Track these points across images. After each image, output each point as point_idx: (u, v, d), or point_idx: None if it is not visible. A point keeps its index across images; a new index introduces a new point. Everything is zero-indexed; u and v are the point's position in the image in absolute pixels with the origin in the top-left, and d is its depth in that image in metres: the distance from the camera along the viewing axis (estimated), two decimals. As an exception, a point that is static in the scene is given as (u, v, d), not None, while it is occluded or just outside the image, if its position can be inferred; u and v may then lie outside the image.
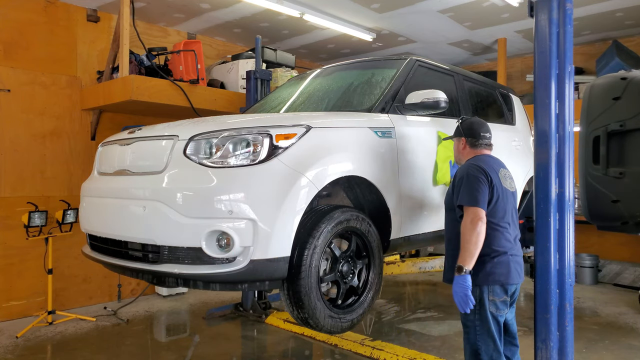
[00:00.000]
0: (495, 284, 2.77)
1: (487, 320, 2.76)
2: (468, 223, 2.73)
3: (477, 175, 2.80)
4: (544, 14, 2.84)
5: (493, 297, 2.77)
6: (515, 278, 2.83)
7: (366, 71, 3.83)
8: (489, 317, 2.76)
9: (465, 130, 3.06)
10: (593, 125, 3.65)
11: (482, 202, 2.75)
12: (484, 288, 2.77)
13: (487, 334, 2.77)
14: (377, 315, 5.43)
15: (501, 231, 2.82)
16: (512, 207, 2.93)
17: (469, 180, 2.81)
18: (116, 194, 2.92)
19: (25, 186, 5.39)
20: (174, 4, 5.83)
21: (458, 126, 3.13)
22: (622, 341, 4.56)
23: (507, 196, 2.90)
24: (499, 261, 2.78)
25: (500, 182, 2.86)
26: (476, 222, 2.71)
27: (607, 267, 6.93)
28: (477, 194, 2.76)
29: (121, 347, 4.54)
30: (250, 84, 5.31)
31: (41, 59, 5.52)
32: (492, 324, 2.77)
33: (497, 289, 2.78)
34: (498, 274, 2.77)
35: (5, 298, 5.23)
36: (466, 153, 3.05)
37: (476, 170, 2.83)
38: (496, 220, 2.81)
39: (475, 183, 2.78)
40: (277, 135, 2.65)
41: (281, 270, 2.59)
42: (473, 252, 2.69)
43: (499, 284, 2.77)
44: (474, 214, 2.73)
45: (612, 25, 6.60)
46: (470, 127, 3.06)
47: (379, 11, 6.10)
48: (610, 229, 4.04)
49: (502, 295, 2.80)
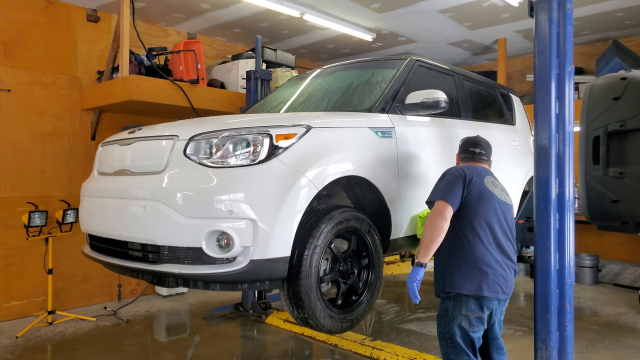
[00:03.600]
0: (468, 297, 2.60)
1: (456, 334, 2.61)
2: (429, 217, 2.63)
3: (452, 172, 2.74)
4: (544, 14, 2.84)
5: (466, 312, 2.60)
6: (495, 292, 2.62)
7: (366, 71, 3.83)
8: (458, 331, 2.61)
9: (459, 147, 3.10)
10: (593, 125, 3.66)
11: (449, 197, 2.62)
12: (457, 300, 2.62)
13: (458, 347, 2.61)
14: (377, 315, 5.43)
15: (480, 237, 2.64)
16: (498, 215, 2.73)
17: (442, 177, 2.77)
18: (116, 194, 2.93)
19: (25, 186, 5.39)
20: (174, 4, 5.83)
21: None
22: (622, 341, 4.56)
23: (492, 200, 2.72)
24: (474, 272, 2.60)
25: (483, 184, 2.73)
26: (435, 216, 2.60)
27: (607, 267, 6.92)
28: (444, 188, 2.66)
29: (121, 347, 4.54)
30: (250, 84, 5.32)
31: (41, 59, 5.52)
32: (461, 339, 2.61)
33: (471, 303, 2.60)
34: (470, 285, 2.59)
35: (5, 298, 5.23)
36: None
37: (454, 169, 2.79)
38: (474, 223, 2.65)
39: (447, 179, 2.71)
40: (277, 135, 2.65)
41: (281, 270, 2.59)
42: (428, 247, 2.59)
43: (472, 297, 2.60)
44: (436, 207, 2.64)
45: (612, 25, 6.60)
46: (462, 144, 3.08)
47: (379, 11, 6.10)
48: (610, 229, 4.05)
49: (477, 311, 2.61)
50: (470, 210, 2.67)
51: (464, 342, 2.62)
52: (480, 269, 2.61)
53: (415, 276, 2.60)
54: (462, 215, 2.68)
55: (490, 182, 2.81)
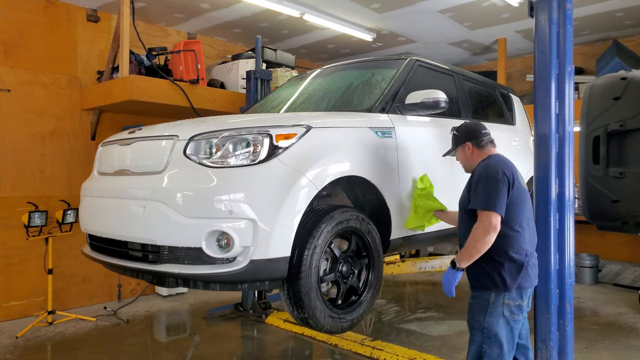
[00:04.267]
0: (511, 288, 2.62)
1: (498, 325, 2.60)
2: (480, 229, 2.56)
3: (496, 176, 2.60)
4: (544, 14, 2.84)
5: (507, 301, 2.60)
6: (532, 281, 2.69)
7: (366, 71, 3.83)
8: (501, 321, 2.60)
9: (466, 135, 2.91)
10: (593, 125, 3.66)
11: (500, 207, 2.55)
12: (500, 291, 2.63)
13: (494, 339, 2.60)
14: (377, 315, 5.43)
15: (521, 233, 2.64)
16: (530, 208, 2.76)
17: (487, 181, 2.61)
18: (116, 194, 2.92)
19: (25, 186, 5.39)
20: (174, 4, 5.83)
21: (455, 134, 2.98)
22: (622, 341, 4.55)
23: (527, 198, 2.71)
24: (516, 266, 2.61)
25: (520, 182, 2.69)
26: (488, 231, 2.54)
27: (607, 267, 6.92)
28: (494, 197, 2.56)
29: (121, 347, 4.54)
30: (250, 84, 5.32)
31: (41, 59, 5.52)
32: (504, 329, 2.61)
33: (512, 291, 2.62)
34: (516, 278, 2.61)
35: (5, 298, 5.23)
36: (475, 156, 2.87)
37: (495, 170, 2.63)
38: (515, 222, 2.63)
39: (494, 184, 2.58)
40: (277, 135, 2.65)
41: (281, 270, 2.59)
42: (473, 257, 2.59)
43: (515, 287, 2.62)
44: (488, 220, 2.55)
45: (612, 25, 6.60)
46: (468, 130, 2.92)
47: (379, 11, 6.10)
48: (610, 229, 4.05)
49: (517, 299, 2.63)
50: (513, 214, 2.63)
51: (506, 332, 2.61)
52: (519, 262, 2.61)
53: (454, 279, 2.66)
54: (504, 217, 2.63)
55: (520, 175, 2.75)
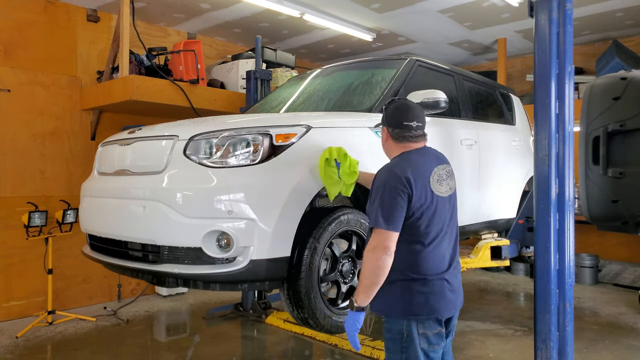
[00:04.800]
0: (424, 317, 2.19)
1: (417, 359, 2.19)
2: (369, 251, 2.12)
3: (396, 185, 2.14)
4: (544, 14, 2.84)
5: (424, 330, 2.19)
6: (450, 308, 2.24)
7: (366, 71, 3.83)
8: (420, 355, 2.18)
9: (387, 118, 2.38)
10: (593, 125, 3.65)
11: (392, 223, 2.10)
12: (412, 320, 2.19)
13: None
14: (377, 315, 5.42)
15: (431, 250, 2.20)
16: (446, 217, 2.28)
17: (384, 192, 2.15)
18: (116, 194, 2.93)
19: (25, 186, 5.39)
20: (174, 4, 5.83)
21: (382, 110, 2.50)
22: (622, 341, 4.55)
23: (440, 206, 2.24)
24: (428, 289, 2.18)
25: (430, 190, 2.21)
26: (379, 253, 2.09)
27: (607, 267, 6.92)
28: (388, 212, 2.11)
29: (121, 347, 4.54)
30: (250, 84, 5.32)
31: (41, 59, 5.52)
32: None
33: (429, 320, 2.20)
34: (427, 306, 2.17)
35: (5, 298, 5.23)
36: (390, 148, 2.40)
37: (395, 178, 2.16)
38: (423, 237, 2.19)
39: (391, 197, 2.13)
40: (277, 135, 2.65)
41: (281, 270, 2.59)
42: (369, 289, 2.13)
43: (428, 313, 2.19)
44: (378, 240, 2.11)
45: (612, 25, 6.60)
46: (392, 114, 2.37)
47: (379, 11, 6.10)
48: (610, 229, 4.04)
49: (436, 327, 2.22)
50: (415, 221, 2.18)
51: None
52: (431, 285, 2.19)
53: (356, 324, 2.19)
54: (404, 233, 2.18)
55: (437, 178, 2.27)
